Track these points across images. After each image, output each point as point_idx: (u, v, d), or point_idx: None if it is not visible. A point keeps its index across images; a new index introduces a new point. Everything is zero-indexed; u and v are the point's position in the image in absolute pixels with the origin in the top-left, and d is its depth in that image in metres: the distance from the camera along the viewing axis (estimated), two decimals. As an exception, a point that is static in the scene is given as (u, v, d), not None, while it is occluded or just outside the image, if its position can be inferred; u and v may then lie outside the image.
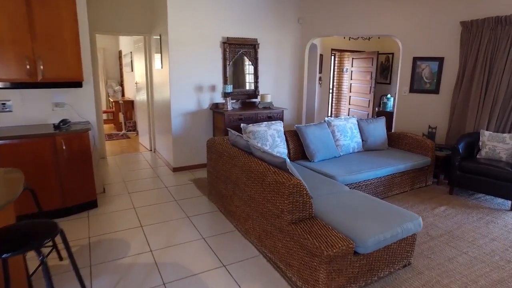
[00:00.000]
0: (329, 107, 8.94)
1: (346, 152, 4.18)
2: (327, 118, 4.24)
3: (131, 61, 7.03)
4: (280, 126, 3.75)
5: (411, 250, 2.48)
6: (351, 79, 9.34)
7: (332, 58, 8.55)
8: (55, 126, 3.19)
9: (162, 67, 4.81)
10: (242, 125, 3.56)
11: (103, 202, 3.63)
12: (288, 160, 2.71)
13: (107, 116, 8.72)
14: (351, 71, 9.27)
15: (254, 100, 5.21)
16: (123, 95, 8.81)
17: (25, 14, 2.94)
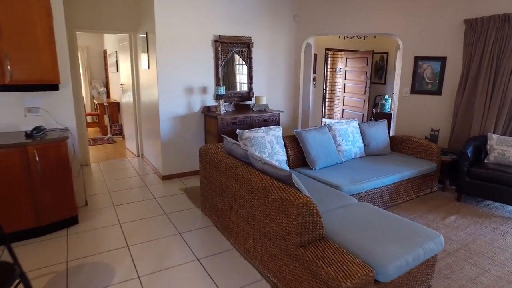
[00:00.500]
0: (323, 109, 8.70)
1: (348, 157, 3.93)
2: (327, 122, 3.97)
3: (116, 61, 6.63)
4: (278, 131, 3.46)
5: (431, 272, 2.23)
6: (345, 79, 9.13)
7: (325, 58, 8.31)
8: (27, 135, 2.82)
9: (149, 68, 4.46)
10: (238, 131, 3.26)
11: (85, 217, 3.28)
12: (293, 173, 2.41)
13: (92, 119, 8.29)
14: (345, 71, 9.06)
15: (248, 102, 4.91)
16: (108, 96, 8.38)
17: (-14, 7, 2.56)
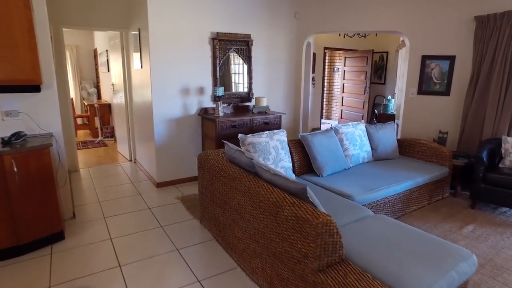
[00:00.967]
0: (321, 109, 8.48)
1: (356, 163, 3.69)
2: (334, 125, 3.73)
3: (107, 60, 6.30)
4: (283, 136, 3.21)
5: (462, 295, 2.00)
6: (343, 79, 8.91)
7: (323, 57, 8.08)
8: (4, 142, 2.51)
9: (142, 67, 4.17)
10: (240, 136, 2.99)
11: (72, 232, 2.98)
12: (307, 187, 2.15)
13: (82, 120, 7.93)
14: (344, 70, 8.84)
15: (248, 104, 4.65)
16: (99, 97, 8.04)
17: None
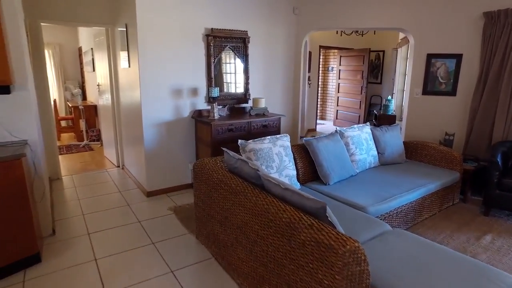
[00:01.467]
0: (316, 110, 8.24)
1: (363, 168, 3.44)
2: (339, 128, 3.47)
3: (93, 59, 5.92)
4: (286, 141, 2.93)
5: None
6: (339, 78, 8.70)
7: (319, 56, 7.85)
8: (-32, 153, 2.18)
9: (129, 66, 3.83)
10: (240, 142, 2.70)
11: (51, 253, 2.63)
12: (326, 206, 1.88)
13: (67, 123, 7.49)
14: (339, 69, 8.63)
15: (244, 105, 4.35)
16: (84, 98, 7.62)
17: None
